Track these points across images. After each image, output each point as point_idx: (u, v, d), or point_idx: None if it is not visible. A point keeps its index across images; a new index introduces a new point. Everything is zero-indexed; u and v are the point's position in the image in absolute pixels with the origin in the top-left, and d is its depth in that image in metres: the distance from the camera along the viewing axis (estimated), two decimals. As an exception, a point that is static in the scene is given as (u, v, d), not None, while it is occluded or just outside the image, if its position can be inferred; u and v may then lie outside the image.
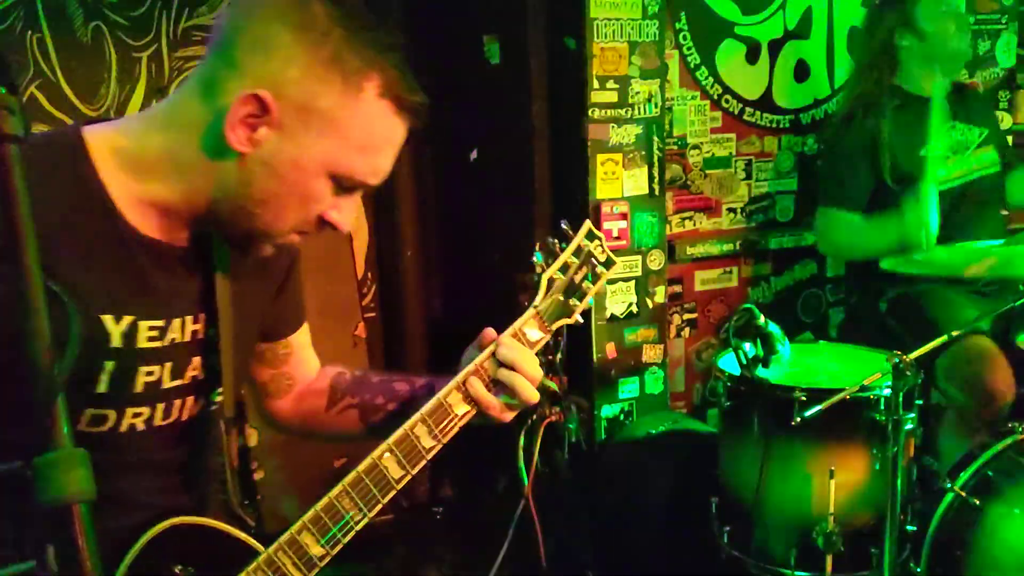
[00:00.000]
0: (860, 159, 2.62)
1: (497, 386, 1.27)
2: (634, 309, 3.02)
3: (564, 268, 1.33)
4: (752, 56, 3.22)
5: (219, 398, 1.25)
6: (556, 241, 1.35)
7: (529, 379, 1.26)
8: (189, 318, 1.19)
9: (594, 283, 1.35)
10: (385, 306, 3.46)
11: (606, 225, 2.91)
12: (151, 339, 1.15)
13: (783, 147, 3.31)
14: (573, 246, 1.34)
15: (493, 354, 1.27)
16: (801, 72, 3.30)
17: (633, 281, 3.01)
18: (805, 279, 3.44)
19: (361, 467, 1.22)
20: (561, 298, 1.33)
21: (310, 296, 3.06)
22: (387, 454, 1.23)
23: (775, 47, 3.24)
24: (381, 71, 1.09)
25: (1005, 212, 2.80)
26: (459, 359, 1.34)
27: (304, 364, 1.47)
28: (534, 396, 1.26)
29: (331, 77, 1.07)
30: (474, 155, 3.29)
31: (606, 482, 2.84)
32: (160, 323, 1.16)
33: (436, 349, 3.49)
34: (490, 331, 1.30)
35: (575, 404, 2.96)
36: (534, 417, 2.70)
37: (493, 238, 3.24)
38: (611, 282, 3.00)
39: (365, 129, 1.10)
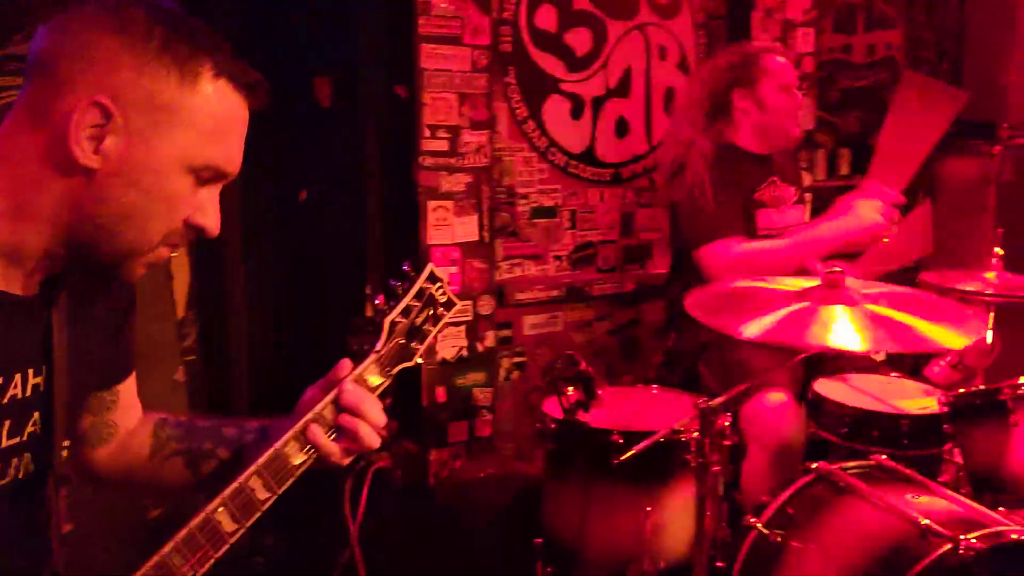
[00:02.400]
0: (723, 192, 2.68)
1: (338, 431, 1.24)
2: (464, 353, 3.07)
3: (406, 311, 1.32)
4: (576, 112, 3.37)
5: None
6: (399, 283, 1.34)
7: (372, 425, 1.25)
8: (31, 371, 1.12)
9: (435, 325, 1.35)
10: (208, 349, 3.34)
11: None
12: None
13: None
14: (415, 288, 1.34)
15: (335, 399, 1.24)
16: (622, 128, 3.48)
17: (464, 326, 3.06)
18: (626, 324, 3.59)
19: (194, 522, 1.17)
20: (403, 341, 1.32)
21: (126, 339, 2.93)
22: (220, 508, 1.18)
23: (598, 104, 3.41)
24: (211, 54, 1.09)
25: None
26: (289, 404, 1.31)
27: (129, 411, 1.39)
28: (376, 441, 1.25)
29: (166, 70, 1.06)
30: (303, 196, 3.26)
31: (435, 526, 2.84)
32: None
33: (262, 393, 3.40)
34: (343, 366, 1.28)
35: (404, 449, 2.96)
36: (362, 463, 2.68)
37: (324, 280, 3.21)
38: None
39: (211, 113, 1.10)
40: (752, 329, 1.76)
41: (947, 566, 1.64)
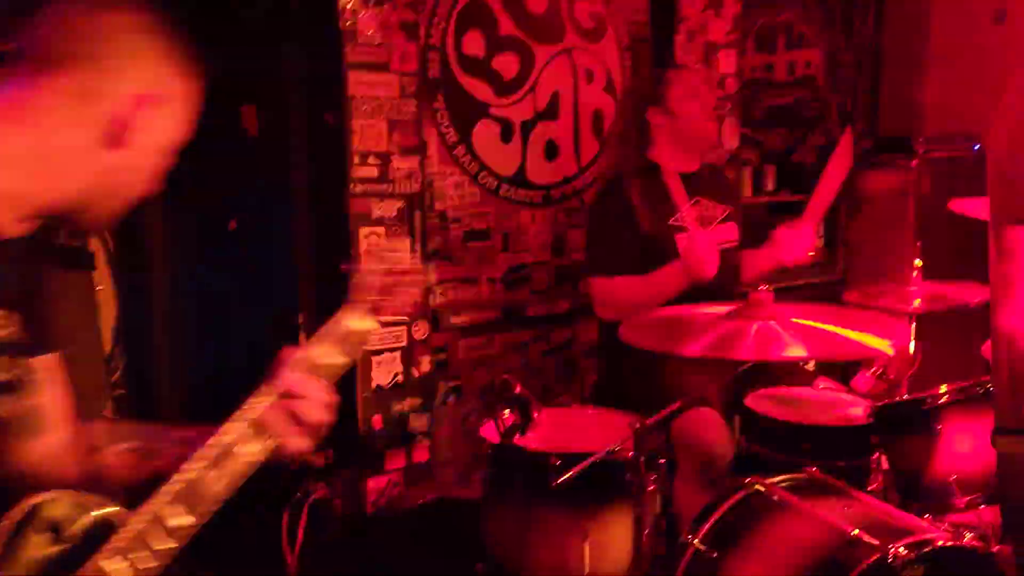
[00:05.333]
0: (622, 226, 2.76)
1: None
2: (400, 379, 3.05)
3: None
4: (506, 135, 3.39)
5: None
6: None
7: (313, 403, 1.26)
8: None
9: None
10: (135, 383, 3.27)
11: (370, 296, 2.93)
12: None
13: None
14: None
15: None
16: (551, 151, 3.52)
17: (399, 351, 3.04)
18: (561, 344, 3.61)
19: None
20: None
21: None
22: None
23: (527, 127, 3.44)
24: (199, 49, 1.28)
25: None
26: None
27: (63, 392, 1.36)
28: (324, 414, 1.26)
29: (176, 65, 1.25)
30: (233, 225, 3.22)
31: (375, 555, 2.81)
32: None
33: (193, 425, 3.33)
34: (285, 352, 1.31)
35: (341, 478, 2.93)
36: (298, 495, 2.64)
37: (255, 310, 3.17)
38: (377, 353, 3.01)
39: (193, 102, 1.29)
40: (693, 348, 1.84)
41: (877, 575, 1.68)
